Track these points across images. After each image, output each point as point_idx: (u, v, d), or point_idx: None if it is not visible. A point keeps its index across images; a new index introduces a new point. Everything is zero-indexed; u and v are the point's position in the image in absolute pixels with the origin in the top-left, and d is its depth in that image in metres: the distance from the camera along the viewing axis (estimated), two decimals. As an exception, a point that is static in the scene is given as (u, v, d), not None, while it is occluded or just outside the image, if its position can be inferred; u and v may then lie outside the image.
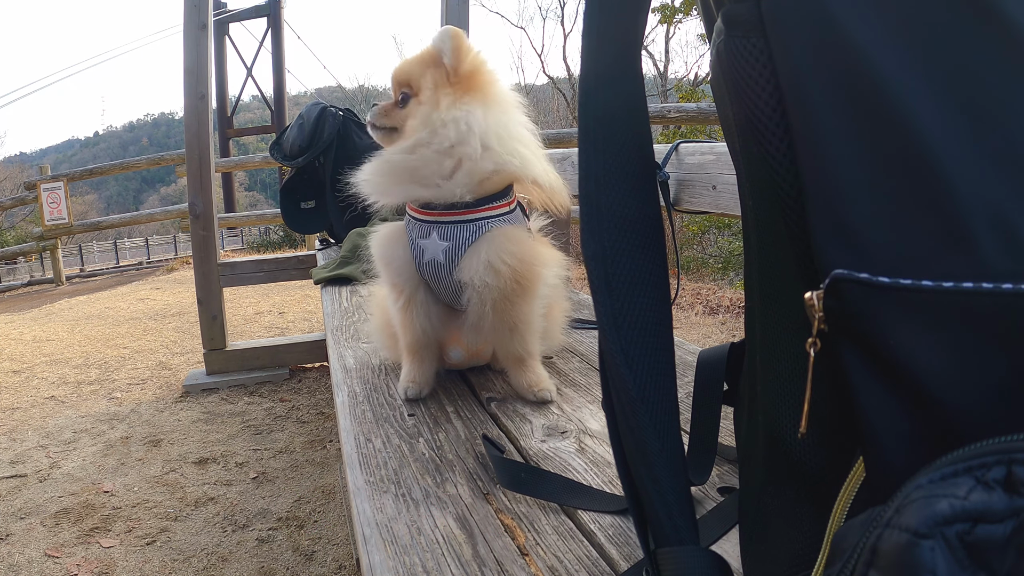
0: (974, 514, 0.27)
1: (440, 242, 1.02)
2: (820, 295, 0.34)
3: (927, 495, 0.29)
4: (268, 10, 15.91)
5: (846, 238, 0.33)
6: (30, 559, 1.79)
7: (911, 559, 0.28)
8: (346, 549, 1.82)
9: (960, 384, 0.30)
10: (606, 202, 0.47)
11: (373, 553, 0.68)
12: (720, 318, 4.38)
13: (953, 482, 0.29)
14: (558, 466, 0.85)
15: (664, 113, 5.43)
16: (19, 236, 12.46)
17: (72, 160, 65.13)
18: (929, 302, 0.31)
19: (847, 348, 0.34)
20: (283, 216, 3.06)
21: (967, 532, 0.27)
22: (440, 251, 1.03)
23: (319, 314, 4.60)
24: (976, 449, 0.29)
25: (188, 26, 2.93)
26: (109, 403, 3.04)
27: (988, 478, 0.28)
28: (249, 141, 33.62)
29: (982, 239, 0.30)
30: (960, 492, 0.28)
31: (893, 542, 0.29)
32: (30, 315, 5.47)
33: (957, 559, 0.27)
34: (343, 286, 2.08)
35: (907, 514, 0.29)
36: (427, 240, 1.03)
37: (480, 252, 1.00)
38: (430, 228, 1.03)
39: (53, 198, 7.82)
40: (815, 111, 0.34)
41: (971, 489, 0.28)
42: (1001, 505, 0.27)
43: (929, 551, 0.28)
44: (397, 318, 1.10)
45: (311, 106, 2.91)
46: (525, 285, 1.02)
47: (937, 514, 0.28)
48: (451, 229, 1.02)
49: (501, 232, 1.02)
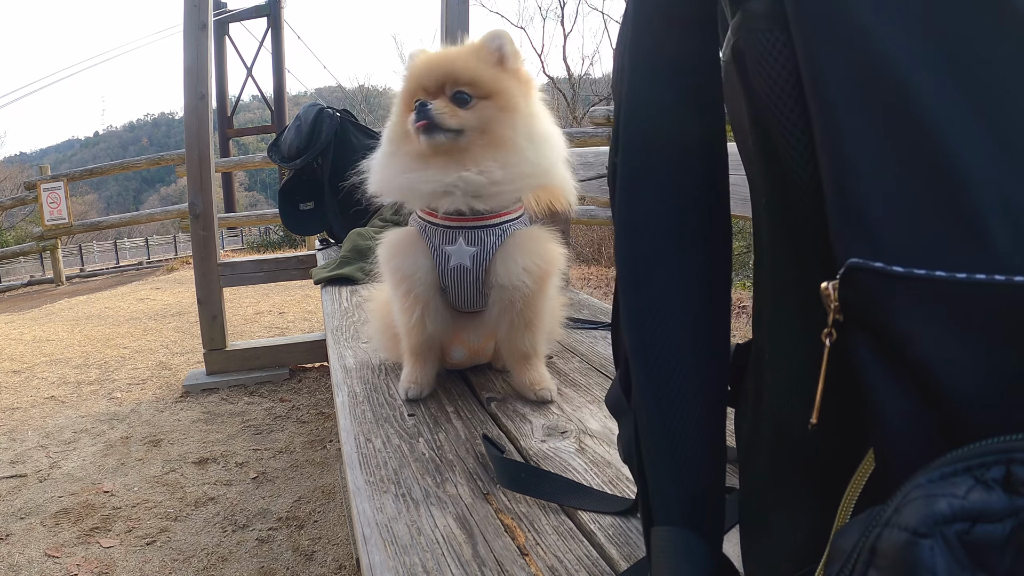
0: (973, 513, 0.28)
1: (467, 247, 1.02)
2: (836, 284, 0.34)
3: (926, 494, 0.29)
4: (268, 10, 15.91)
5: (862, 228, 0.33)
6: (30, 559, 1.79)
7: (911, 558, 0.28)
8: (346, 549, 1.82)
9: (970, 377, 0.31)
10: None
11: (373, 553, 0.68)
12: (720, 318, 4.37)
13: (952, 481, 0.29)
14: (558, 466, 0.85)
15: (664, 113, 5.42)
16: (19, 236, 12.46)
17: (72, 160, 65.12)
18: (942, 292, 0.31)
19: (860, 339, 0.34)
20: (282, 218, 3.05)
21: (966, 531, 0.28)
22: (467, 256, 1.03)
23: (319, 314, 4.60)
24: (975, 449, 0.29)
25: (188, 26, 2.93)
26: (109, 403, 3.04)
27: (987, 477, 0.28)
28: (249, 141, 33.62)
29: (996, 233, 0.30)
30: (959, 491, 0.28)
31: (892, 541, 0.29)
32: (30, 315, 5.47)
33: (957, 558, 0.28)
34: (343, 286, 2.08)
35: (906, 513, 0.29)
36: (453, 246, 1.03)
37: (514, 255, 1.02)
38: (456, 234, 1.02)
39: (53, 198, 7.82)
40: (835, 104, 0.34)
41: (970, 488, 0.28)
42: (1000, 504, 0.27)
43: (928, 550, 0.28)
44: (405, 323, 1.08)
45: (308, 107, 2.90)
46: (545, 283, 1.05)
47: (936, 513, 0.28)
48: (478, 234, 1.02)
49: (527, 235, 1.04)
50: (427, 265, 1.04)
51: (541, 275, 1.04)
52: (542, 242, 1.05)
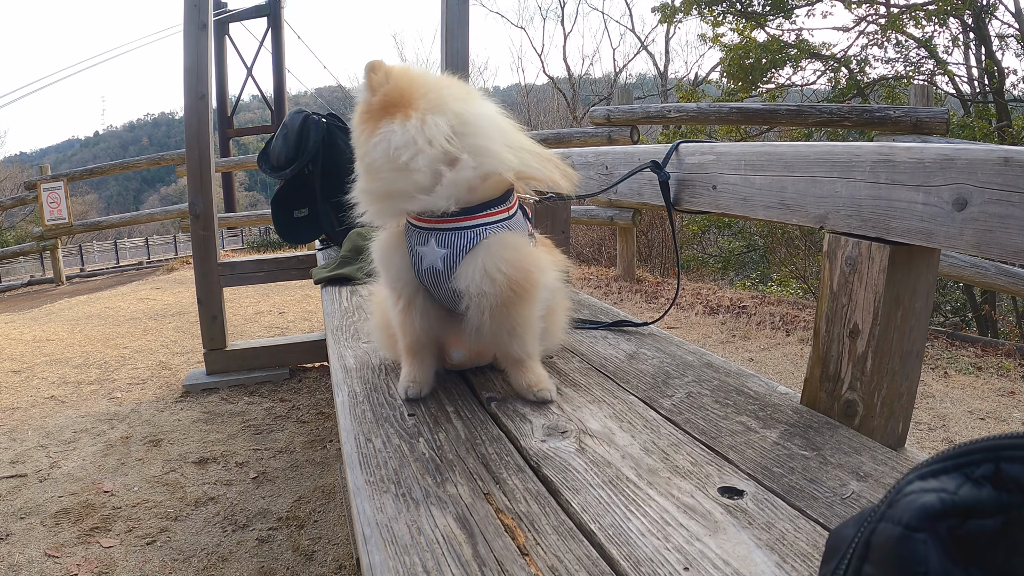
0: (964, 509, 0.28)
1: (438, 249, 1.02)
2: None
3: (918, 490, 0.29)
4: (268, 10, 15.90)
5: None
6: (30, 559, 1.79)
7: (904, 552, 0.29)
8: (346, 549, 1.82)
9: None
10: None
11: (373, 553, 0.68)
12: (720, 318, 4.38)
13: (943, 479, 0.29)
14: (558, 466, 0.85)
15: (664, 113, 5.43)
16: (19, 236, 12.45)
17: (72, 160, 65.05)
18: None
19: None
20: (276, 228, 2.96)
21: (958, 526, 0.28)
22: (438, 258, 1.03)
23: (319, 314, 4.60)
24: (964, 447, 0.30)
25: (188, 26, 2.93)
26: (109, 403, 3.04)
27: (977, 475, 0.29)
28: (249, 141, 33.57)
29: None
30: (950, 487, 0.29)
31: (886, 535, 0.30)
32: (30, 315, 5.46)
33: (948, 553, 0.28)
34: (343, 286, 2.08)
35: (899, 508, 0.30)
36: (425, 247, 1.03)
37: (476, 260, 0.99)
38: (428, 235, 1.03)
39: (53, 198, 7.82)
40: None
41: (960, 485, 0.29)
42: (990, 500, 0.28)
43: (922, 544, 0.28)
44: (396, 320, 1.11)
45: (293, 115, 2.84)
46: (521, 292, 1.01)
47: (928, 508, 0.29)
48: (448, 236, 1.02)
49: (498, 239, 1.01)
50: (403, 263, 1.07)
51: (509, 283, 0.99)
52: (515, 248, 1.01)
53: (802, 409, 1.03)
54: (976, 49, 9.74)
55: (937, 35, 9.84)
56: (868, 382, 0.99)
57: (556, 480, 0.81)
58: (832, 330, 1.04)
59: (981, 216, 0.83)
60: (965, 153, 0.85)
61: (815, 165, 1.07)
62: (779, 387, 1.11)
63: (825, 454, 0.87)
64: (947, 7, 9.18)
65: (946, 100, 9.68)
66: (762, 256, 10.17)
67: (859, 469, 0.83)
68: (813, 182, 1.08)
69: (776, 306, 4.73)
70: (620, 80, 21.64)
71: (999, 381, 3.27)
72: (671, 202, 1.47)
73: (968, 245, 0.85)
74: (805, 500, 0.76)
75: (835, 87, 10.22)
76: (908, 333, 0.99)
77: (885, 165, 0.95)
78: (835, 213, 1.03)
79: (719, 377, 1.16)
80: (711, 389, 1.11)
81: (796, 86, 10.87)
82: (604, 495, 0.78)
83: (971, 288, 8.09)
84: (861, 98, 9.66)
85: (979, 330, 7.88)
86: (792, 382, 2.94)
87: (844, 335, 1.02)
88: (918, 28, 9.77)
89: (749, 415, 1.00)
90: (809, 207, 1.09)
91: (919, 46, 9.88)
